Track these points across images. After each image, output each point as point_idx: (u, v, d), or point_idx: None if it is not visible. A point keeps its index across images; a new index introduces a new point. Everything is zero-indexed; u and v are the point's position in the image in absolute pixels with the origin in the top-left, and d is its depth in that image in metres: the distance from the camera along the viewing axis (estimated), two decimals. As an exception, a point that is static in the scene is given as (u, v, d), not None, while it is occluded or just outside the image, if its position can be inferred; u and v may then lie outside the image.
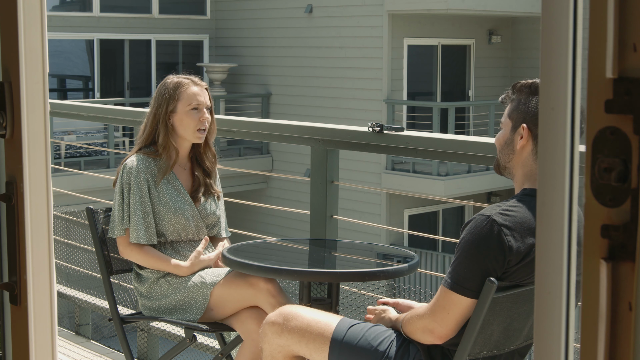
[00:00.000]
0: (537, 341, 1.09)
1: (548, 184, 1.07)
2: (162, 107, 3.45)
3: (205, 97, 3.48)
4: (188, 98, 3.44)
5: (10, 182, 1.54)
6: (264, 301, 3.24)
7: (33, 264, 1.53)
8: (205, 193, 3.53)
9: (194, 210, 3.47)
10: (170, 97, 3.44)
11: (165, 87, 3.47)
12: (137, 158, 3.43)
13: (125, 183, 3.39)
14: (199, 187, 3.51)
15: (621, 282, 1.01)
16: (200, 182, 3.52)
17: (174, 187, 3.45)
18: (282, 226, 14.95)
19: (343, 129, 3.92)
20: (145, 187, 3.38)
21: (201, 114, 3.45)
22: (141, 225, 3.36)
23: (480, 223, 2.44)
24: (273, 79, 16.33)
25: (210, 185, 3.54)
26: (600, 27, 1.01)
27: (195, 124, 3.44)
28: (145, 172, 3.40)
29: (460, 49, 16.07)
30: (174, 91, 3.45)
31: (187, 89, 3.45)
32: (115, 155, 14.16)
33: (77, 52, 16.78)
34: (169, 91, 3.45)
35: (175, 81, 3.47)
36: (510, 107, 2.60)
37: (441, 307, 2.49)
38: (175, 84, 3.46)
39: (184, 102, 3.44)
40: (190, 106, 3.44)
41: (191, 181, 3.52)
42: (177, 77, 3.50)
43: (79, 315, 5.34)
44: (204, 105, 3.46)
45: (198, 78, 3.53)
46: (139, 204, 3.37)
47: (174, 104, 3.44)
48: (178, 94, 3.44)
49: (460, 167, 14.01)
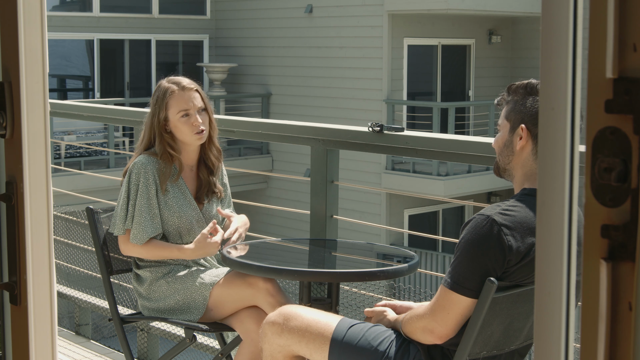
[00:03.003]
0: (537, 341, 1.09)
1: (548, 184, 1.07)
2: (156, 116, 3.44)
3: (195, 101, 3.44)
4: (177, 105, 3.42)
5: (10, 182, 1.54)
6: (263, 301, 3.24)
7: (33, 264, 1.53)
8: (208, 193, 3.52)
9: (199, 215, 3.47)
10: (160, 106, 3.43)
11: (157, 94, 3.46)
12: (146, 159, 3.42)
13: (134, 183, 3.37)
14: (201, 188, 3.50)
15: (621, 282, 1.01)
16: (203, 182, 3.51)
17: (181, 191, 3.45)
18: (282, 226, 14.95)
19: (343, 129, 3.92)
20: (153, 189, 3.38)
21: (192, 119, 3.41)
22: (147, 226, 3.35)
23: (480, 223, 2.44)
24: (273, 79, 16.33)
25: (214, 184, 3.53)
26: (600, 27, 1.01)
27: (189, 129, 3.42)
28: (154, 173, 3.39)
29: (460, 49, 16.07)
30: (162, 99, 3.43)
31: (174, 96, 3.42)
32: (115, 155, 14.16)
33: (77, 52, 16.78)
34: (159, 99, 3.43)
35: (165, 87, 3.44)
36: (507, 109, 2.60)
37: (441, 307, 2.49)
38: (164, 92, 3.44)
39: (173, 110, 3.42)
40: (179, 113, 3.41)
41: (196, 182, 3.52)
42: (167, 83, 3.46)
43: (79, 315, 5.34)
44: (195, 109, 3.43)
45: (189, 80, 3.48)
46: (146, 205, 3.35)
47: (164, 112, 3.42)
48: (167, 102, 3.42)
49: (460, 167, 14.01)
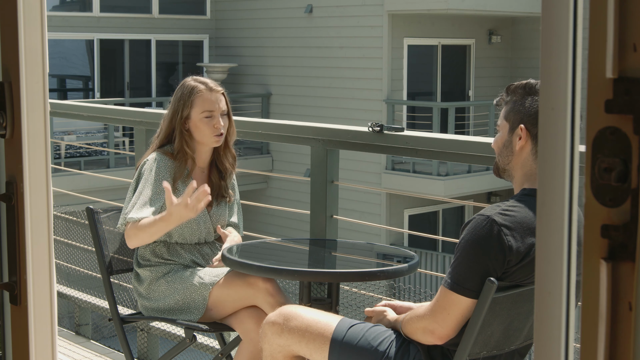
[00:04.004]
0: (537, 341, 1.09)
1: (548, 184, 1.07)
2: (178, 112, 3.43)
3: (220, 103, 3.45)
4: (202, 105, 3.42)
5: (10, 182, 1.54)
6: (263, 301, 3.24)
7: (33, 264, 1.53)
8: (218, 197, 3.52)
9: (206, 216, 3.47)
10: (184, 104, 3.43)
11: (182, 91, 3.46)
12: (159, 156, 3.42)
13: (145, 177, 3.36)
14: (212, 191, 3.48)
15: (621, 282, 1.01)
16: (214, 185, 3.51)
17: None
18: (282, 226, 14.95)
19: (343, 129, 3.92)
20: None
21: (215, 120, 3.42)
22: (145, 209, 3.31)
23: (480, 223, 2.44)
24: (273, 79, 16.33)
25: (224, 189, 3.53)
26: (600, 27, 1.01)
27: (210, 131, 3.42)
28: (166, 169, 3.39)
29: (460, 49, 16.07)
30: (188, 97, 3.43)
31: (200, 96, 3.43)
32: (115, 155, 14.16)
33: (77, 52, 16.78)
34: (184, 97, 3.44)
35: (192, 86, 3.45)
36: (506, 109, 2.60)
37: (441, 308, 2.49)
38: (190, 90, 3.44)
39: (197, 109, 3.42)
40: (203, 114, 3.42)
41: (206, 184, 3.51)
42: (194, 82, 3.46)
43: (79, 315, 5.34)
44: (219, 111, 3.44)
45: (215, 83, 3.50)
46: (149, 196, 3.33)
47: (188, 110, 3.43)
48: (192, 100, 3.42)
49: (460, 167, 14.01)
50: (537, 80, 2.55)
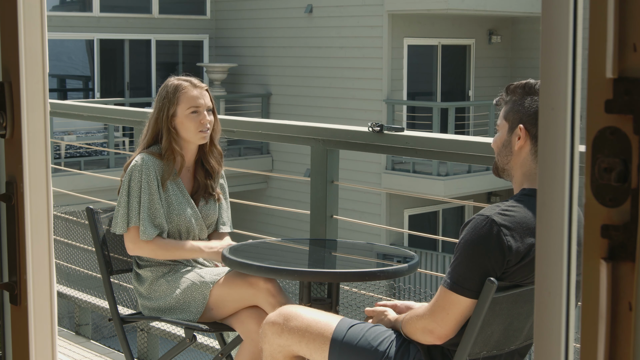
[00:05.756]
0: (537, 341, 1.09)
1: (548, 184, 1.07)
2: (163, 111, 3.45)
3: (205, 99, 3.48)
4: (187, 101, 3.44)
5: (10, 182, 1.54)
6: (264, 301, 3.24)
7: (33, 264, 1.53)
8: (205, 194, 3.53)
9: (197, 213, 3.48)
10: (170, 101, 3.45)
11: (166, 90, 3.48)
12: (146, 157, 3.43)
13: (136, 181, 3.37)
14: (198, 189, 3.52)
15: (621, 282, 1.01)
16: (200, 184, 3.52)
17: (180, 189, 3.45)
18: (282, 226, 14.95)
19: (343, 129, 3.92)
20: (155, 185, 3.38)
21: (201, 116, 3.45)
22: (155, 222, 3.36)
23: (480, 223, 2.44)
24: (273, 79, 16.32)
25: (211, 187, 3.54)
26: (600, 27, 1.01)
27: (196, 127, 3.44)
28: (155, 170, 3.40)
29: (460, 49, 16.07)
30: (173, 95, 3.45)
31: (186, 92, 3.45)
32: (115, 155, 14.16)
33: (77, 52, 16.78)
34: (169, 95, 3.46)
35: (175, 84, 3.47)
36: (505, 109, 2.60)
37: (441, 308, 2.49)
38: (175, 88, 3.47)
39: (183, 106, 3.44)
40: (189, 109, 3.44)
41: (192, 183, 3.53)
42: (177, 80, 3.49)
43: (79, 315, 5.34)
44: (204, 107, 3.46)
45: (198, 80, 3.53)
46: (147, 201, 3.36)
47: (174, 107, 3.45)
48: (177, 97, 3.45)
49: (460, 167, 14.01)
50: (536, 80, 2.55)
